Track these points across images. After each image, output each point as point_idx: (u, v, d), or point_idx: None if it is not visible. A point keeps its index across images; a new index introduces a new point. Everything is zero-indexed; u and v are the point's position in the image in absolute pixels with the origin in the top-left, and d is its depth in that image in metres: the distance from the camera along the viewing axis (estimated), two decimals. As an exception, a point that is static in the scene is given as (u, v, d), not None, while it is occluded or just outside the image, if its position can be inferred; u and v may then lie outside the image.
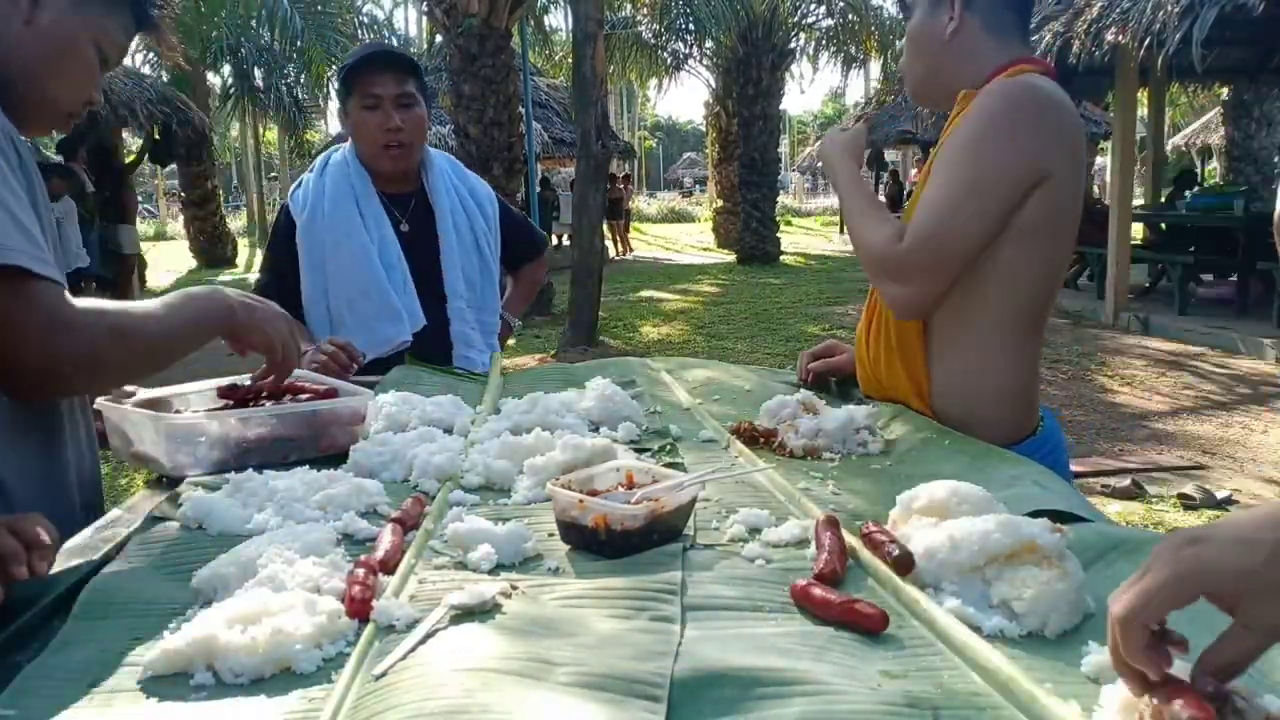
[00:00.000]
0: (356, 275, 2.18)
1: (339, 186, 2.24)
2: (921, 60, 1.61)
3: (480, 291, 2.34)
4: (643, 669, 0.74)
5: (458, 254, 2.28)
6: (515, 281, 2.64)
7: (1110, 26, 7.94)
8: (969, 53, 1.54)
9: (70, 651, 0.82)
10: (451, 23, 9.88)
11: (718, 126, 17.86)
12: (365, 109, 2.18)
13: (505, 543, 0.99)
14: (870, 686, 0.73)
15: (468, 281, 2.30)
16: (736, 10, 15.54)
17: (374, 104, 2.17)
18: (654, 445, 1.44)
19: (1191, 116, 20.68)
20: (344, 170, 2.25)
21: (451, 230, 2.29)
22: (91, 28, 1.27)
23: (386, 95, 2.17)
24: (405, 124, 2.18)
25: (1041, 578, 0.84)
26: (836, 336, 8.69)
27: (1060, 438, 1.62)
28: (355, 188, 2.24)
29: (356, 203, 2.23)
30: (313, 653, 0.79)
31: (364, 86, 2.17)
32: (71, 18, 1.25)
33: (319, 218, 2.22)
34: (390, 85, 2.17)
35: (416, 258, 2.24)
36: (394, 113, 2.17)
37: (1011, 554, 0.87)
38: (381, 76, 2.17)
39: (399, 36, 23.16)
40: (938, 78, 1.60)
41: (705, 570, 0.97)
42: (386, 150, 2.20)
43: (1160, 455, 5.03)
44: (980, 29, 1.53)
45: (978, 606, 0.86)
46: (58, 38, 1.24)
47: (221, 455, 1.34)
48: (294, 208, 2.26)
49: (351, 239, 2.20)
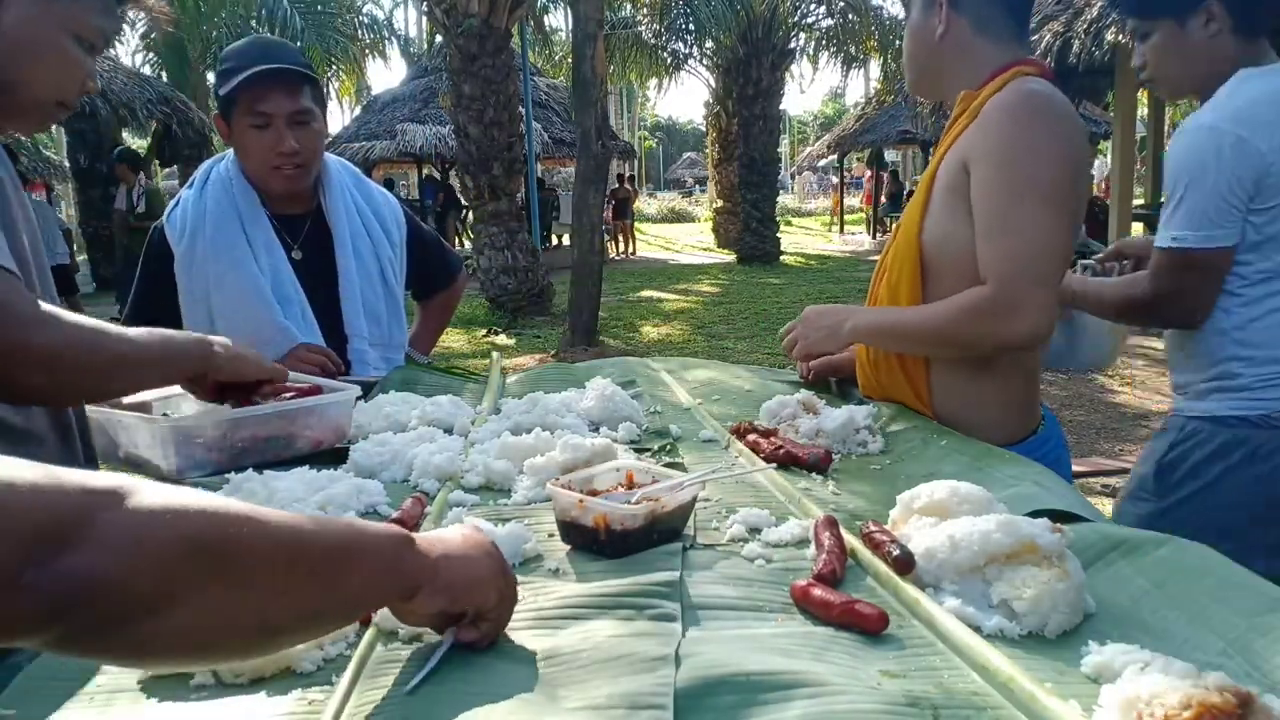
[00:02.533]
0: (247, 312, 1.86)
1: (221, 207, 1.91)
2: (917, 59, 1.62)
3: (386, 327, 2.03)
4: (646, 683, 0.73)
5: (359, 285, 1.98)
6: (423, 313, 2.32)
7: (1110, 26, 7.94)
8: (962, 54, 1.54)
9: (70, 652, 0.82)
10: (451, 23, 9.89)
11: (718, 126, 17.85)
12: (254, 128, 1.85)
13: (505, 543, 0.99)
14: (870, 686, 0.73)
15: (371, 317, 2.00)
16: (736, 10, 15.54)
17: (263, 123, 1.84)
18: (654, 445, 1.44)
19: (1191, 116, 20.66)
20: (226, 188, 1.93)
21: (351, 258, 1.98)
22: (61, 18, 1.24)
23: (278, 114, 1.84)
24: (301, 144, 1.87)
25: (1041, 578, 0.84)
26: (836, 336, 8.72)
27: (1061, 437, 1.62)
28: (240, 209, 1.92)
29: (243, 227, 1.91)
30: (314, 653, 0.79)
31: (250, 102, 1.83)
32: (37, 13, 1.23)
33: (199, 245, 1.89)
34: (283, 101, 1.84)
35: (312, 290, 1.93)
36: (287, 133, 1.85)
37: (1011, 554, 0.87)
38: (272, 92, 1.83)
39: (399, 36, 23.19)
40: (933, 77, 1.61)
41: (705, 570, 0.97)
42: (277, 171, 1.89)
43: (1160, 455, 5.02)
44: (971, 30, 1.53)
45: (978, 606, 0.86)
46: (25, 35, 1.22)
47: (218, 457, 1.34)
48: (170, 233, 1.91)
49: (238, 269, 1.88)
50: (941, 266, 1.49)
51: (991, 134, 1.42)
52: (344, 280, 1.97)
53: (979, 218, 1.42)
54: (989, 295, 1.38)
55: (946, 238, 1.48)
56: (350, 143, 16.68)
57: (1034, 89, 1.43)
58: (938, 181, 1.50)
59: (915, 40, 1.60)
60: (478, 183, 10.39)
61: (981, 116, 1.45)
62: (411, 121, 15.78)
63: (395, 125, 15.86)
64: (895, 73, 16.94)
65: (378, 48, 21.96)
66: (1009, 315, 1.37)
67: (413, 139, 15.54)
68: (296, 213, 1.98)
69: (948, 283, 1.47)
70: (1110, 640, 0.78)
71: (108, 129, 13.19)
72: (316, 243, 1.97)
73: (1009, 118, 1.41)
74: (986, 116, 1.44)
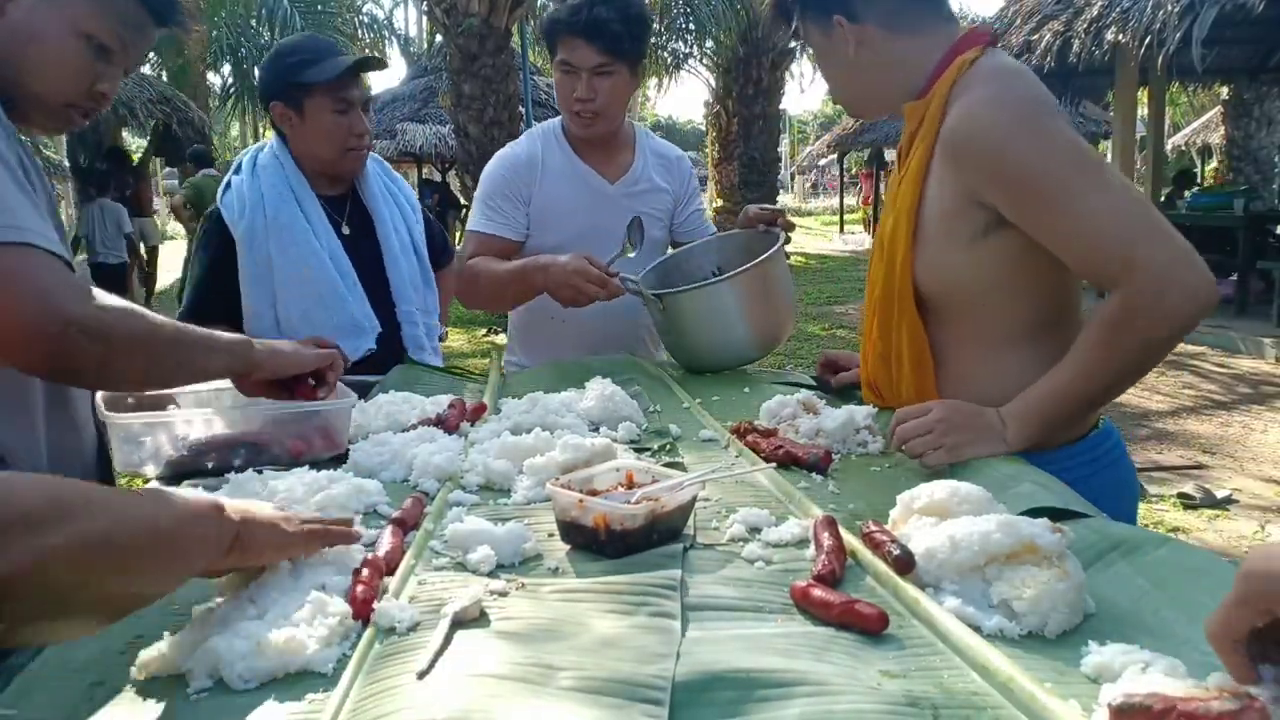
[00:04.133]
0: (311, 284, 2.04)
1: (278, 190, 2.07)
2: (839, 85, 1.49)
3: (423, 295, 2.24)
4: (644, 672, 0.74)
5: (401, 257, 2.18)
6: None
7: (1110, 26, 7.94)
8: (887, 63, 1.41)
9: (70, 651, 0.82)
10: (451, 23, 9.89)
11: (718, 126, 17.84)
12: (336, 113, 2.05)
13: (505, 543, 0.99)
14: (870, 686, 0.73)
15: (413, 285, 2.21)
16: (736, 10, 15.53)
17: (345, 109, 2.05)
18: (654, 445, 1.44)
19: (1191, 116, 20.68)
20: (279, 172, 2.09)
21: (392, 233, 2.19)
22: (70, 15, 1.24)
23: (356, 101, 2.07)
24: (369, 129, 2.13)
25: (1041, 578, 0.84)
26: (836, 336, 8.71)
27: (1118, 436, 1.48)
28: (295, 191, 2.09)
29: (299, 206, 2.08)
30: (326, 652, 0.79)
31: (335, 89, 2.03)
32: (46, 10, 1.23)
33: (260, 224, 2.04)
34: (358, 91, 2.09)
35: (360, 263, 2.12)
36: (362, 118, 2.09)
37: (1011, 554, 0.87)
38: (353, 82, 2.07)
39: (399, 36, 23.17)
40: (868, 98, 1.49)
41: (705, 572, 0.97)
42: (353, 153, 2.10)
43: (1160, 455, 5.03)
44: (883, 35, 1.40)
45: (978, 606, 0.86)
46: (29, 26, 1.22)
47: (175, 454, 1.33)
48: (228, 214, 2.06)
49: (301, 246, 2.05)
50: (950, 301, 1.40)
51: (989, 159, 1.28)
52: (388, 251, 2.16)
53: (1045, 224, 1.27)
54: (1131, 292, 1.20)
55: (950, 269, 1.37)
56: (350, 142, 16.68)
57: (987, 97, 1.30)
58: (926, 213, 1.38)
59: (829, 66, 1.48)
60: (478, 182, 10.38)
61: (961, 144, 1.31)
62: (411, 121, 15.77)
63: (395, 125, 15.83)
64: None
65: (378, 47, 21.93)
66: (1164, 291, 1.19)
67: (412, 139, 15.52)
68: (339, 194, 2.16)
69: (963, 318, 1.40)
70: (1110, 640, 0.78)
71: (108, 129, 13.17)
72: (359, 221, 2.16)
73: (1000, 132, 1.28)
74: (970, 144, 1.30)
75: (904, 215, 1.41)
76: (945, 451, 1.26)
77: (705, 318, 1.91)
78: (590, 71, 2.09)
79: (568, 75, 2.11)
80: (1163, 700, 0.62)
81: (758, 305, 1.91)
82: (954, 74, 1.36)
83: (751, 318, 1.92)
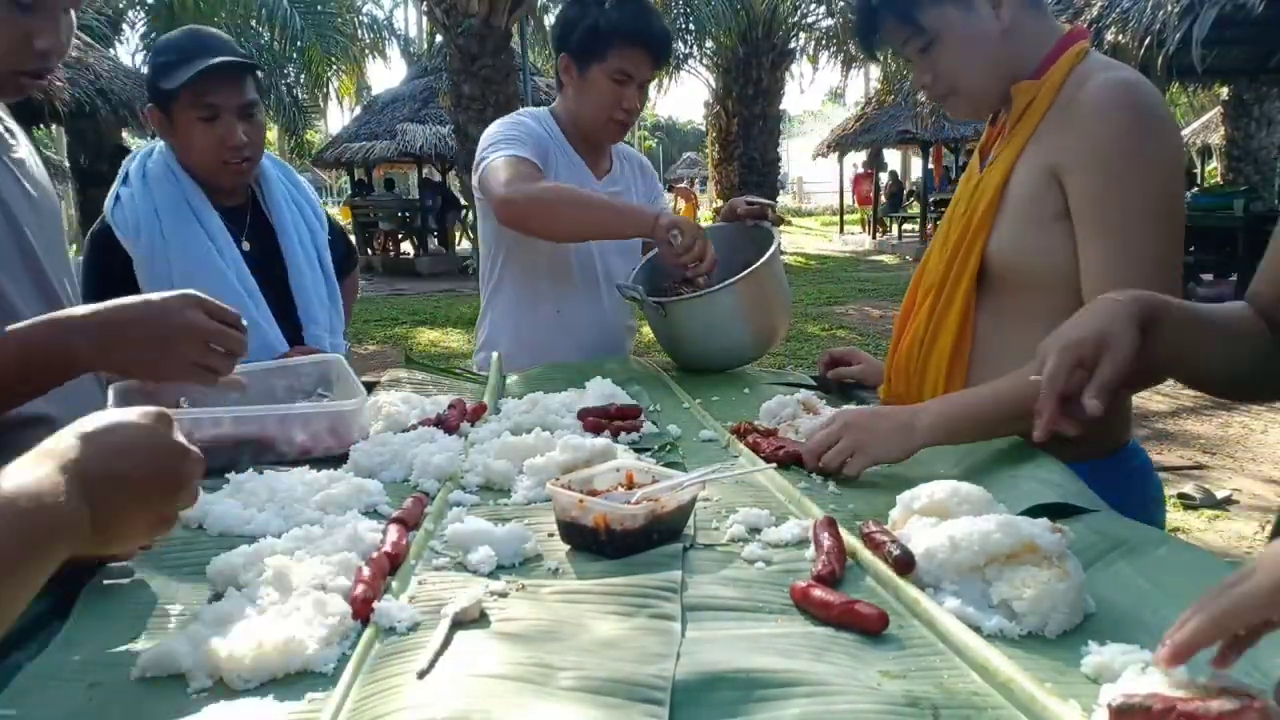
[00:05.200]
0: None
1: (173, 202, 1.86)
2: (981, 68, 1.42)
3: (328, 314, 2.03)
4: (644, 672, 0.74)
5: (307, 272, 1.98)
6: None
7: (1110, 26, 7.93)
8: (1022, 39, 1.39)
9: (70, 651, 0.82)
10: (451, 23, 9.89)
11: (718, 126, 17.85)
12: (201, 121, 1.82)
13: (505, 543, 0.99)
14: (870, 686, 0.73)
15: (319, 302, 1.99)
16: (736, 10, 15.54)
17: (211, 115, 1.82)
18: (654, 445, 1.44)
19: (1191, 116, 20.68)
20: (173, 182, 1.87)
21: (298, 248, 1.98)
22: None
23: (227, 106, 1.82)
24: (250, 137, 1.86)
25: (1041, 578, 0.84)
26: (836, 336, 8.71)
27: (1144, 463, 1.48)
28: (192, 204, 1.87)
29: (198, 221, 1.86)
30: (327, 651, 0.79)
31: (198, 94, 1.80)
32: None
33: (159, 243, 1.83)
34: (231, 94, 1.83)
35: (263, 281, 1.90)
36: (237, 126, 1.83)
37: (1012, 554, 0.87)
38: (220, 84, 1.81)
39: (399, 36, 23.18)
40: (997, 79, 1.43)
41: (705, 572, 0.97)
42: (226, 166, 1.86)
43: (1160, 455, 5.02)
44: (1025, 7, 1.39)
45: (978, 606, 0.86)
46: None
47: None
48: (121, 231, 1.83)
49: (206, 265, 1.83)
50: (1010, 279, 1.40)
51: (1090, 139, 1.30)
52: (294, 270, 1.96)
53: (1090, 235, 1.31)
54: None
55: (1022, 250, 1.38)
56: (350, 143, 16.68)
57: (1127, 81, 1.31)
58: (1011, 189, 1.39)
59: (974, 48, 1.40)
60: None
61: (1069, 116, 1.32)
62: (411, 121, 15.77)
63: (395, 125, 15.85)
64: (895, 72, 16.93)
65: (378, 48, 21.96)
66: None
67: (413, 139, 15.53)
68: (237, 204, 1.95)
69: (1015, 295, 1.40)
70: (1110, 640, 0.78)
71: (108, 129, 13.17)
72: (260, 234, 1.96)
73: (1112, 120, 1.29)
74: (1078, 117, 1.31)
75: (990, 190, 1.40)
76: (857, 457, 1.26)
77: (705, 323, 1.91)
78: (640, 83, 2.07)
79: (619, 85, 2.05)
80: (1162, 700, 0.62)
81: (757, 308, 1.91)
82: (1073, 58, 1.37)
83: (751, 321, 1.92)
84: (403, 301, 12.09)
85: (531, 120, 2.16)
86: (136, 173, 1.90)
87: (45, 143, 18.91)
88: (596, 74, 2.05)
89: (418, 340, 9.21)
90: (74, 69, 9.51)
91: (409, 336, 9.43)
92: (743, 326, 1.92)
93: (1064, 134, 1.34)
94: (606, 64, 2.03)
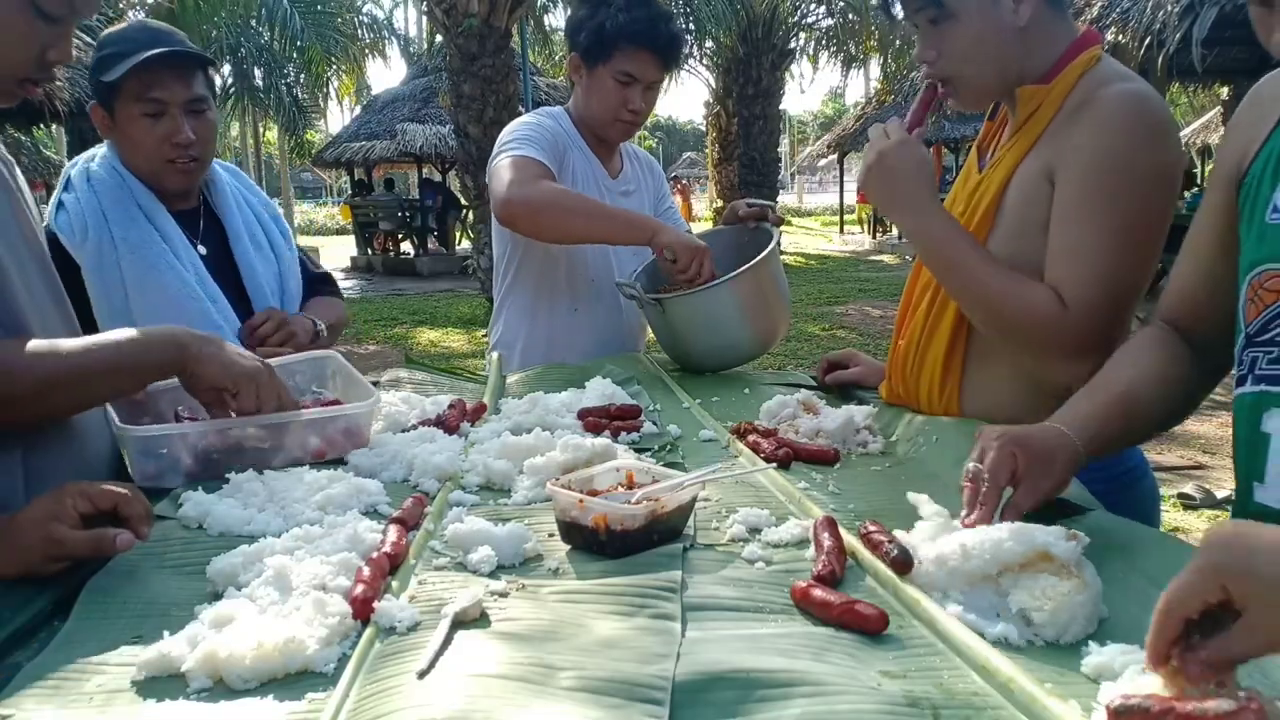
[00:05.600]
0: (178, 311, 1.69)
1: (122, 205, 1.76)
2: (988, 60, 1.39)
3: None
4: (644, 672, 0.74)
5: (262, 277, 1.89)
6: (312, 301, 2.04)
7: (1110, 26, 7.94)
8: (1036, 39, 1.37)
9: (70, 651, 0.82)
10: (451, 23, 9.88)
11: (718, 126, 17.84)
12: (145, 116, 1.73)
13: (505, 543, 0.99)
14: (870, 687, 0.73)
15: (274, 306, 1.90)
16: (736, 10, 15.53)
17: (156, 111, 1.73)
18: (654, 445, 1.44)
19: (1191, 116, 20.68)
20: (120, 186, 1.77)
21: (251, 250, 1.89)
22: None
23: (174, 101, 1.73)
24: (198, 134, 1.76)
25: (1062, 589, 0.82)
26: (836, 336, 8.71)
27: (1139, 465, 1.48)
28: (143, 206, 1.78)
29: (151, 223, 1.77)
30: (327, 651, 0.79)
31: (141, 89, 1.71)
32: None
33: (107, 246, 1.72)
34: (178, 88, 1.73)
35: (220, 285, 1.82)
36: (184, 122, 1.74)
37: (1025, 563, 0.85)
38: (165, 78, 1.72)
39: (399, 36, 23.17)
40: (1001, 75, 1.40)
41: (705, 572, 0.97)
42: (172, 165, 1.77)
43: (1160, 455, 5.02)
44: (1046, 7, 1.36)
45: (982, 614, 0.84)
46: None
47: (191, 467, 1.29)
48: (67, 238, 1.71)
49: (161, 268, 1.74)
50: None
51: (1087, 146, 1.30)
52: (246, 272, 1.87)
53: (1061, 230, 1.32)
54: (1061, 324, 1.29)
55: (1019, 254, 1.36)
56: (350, 142, 16.68)
57: (1138, 93, 1.30)
58: (1010, 195, 1.39)
59: (987, 38, 1.37)
60: (478, 182, 10.38)
61: (1076, 123, 1.31)
62: (411, 121, 15.77)
63: (395, 125, 15.84)
64: (895, 72, 16.94)
65: (378, 47, 21.95)
66: (1069, 352, 1.30)
67: (413, 139, 15.53)
68: (189, 207, 1.87)
69: None
70: (1110, 641, 0.78)
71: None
72: (213, 237, 1.87)
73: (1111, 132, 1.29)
74: (1083, 124, 1.31)
75: (989, 196, 1.40)
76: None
77: (704, 320, 1.91)
78: (647, 84, 2.08)
79: (624, 86, 2.06)
80: (1160, 701, 0.62)
81: (756, 306, 1.92)
82: (1085, 64, 1.36)
83: (750, 318, 1.92)
84: (403, 301, 12.09)
85: (550, 119, 2.16)
86: (80, 177, 1.79)
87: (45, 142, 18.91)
88: (602, 74, 2.06)
89: (418, 340, 9.21)
90: (74, 69, 9.51)
91: (409, 336, 9.43)
92: (741, 324, 1.92)
93: (1067, 139, 1.33)
94: (611, 65, 2.04)
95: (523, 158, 1.99)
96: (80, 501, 0.99)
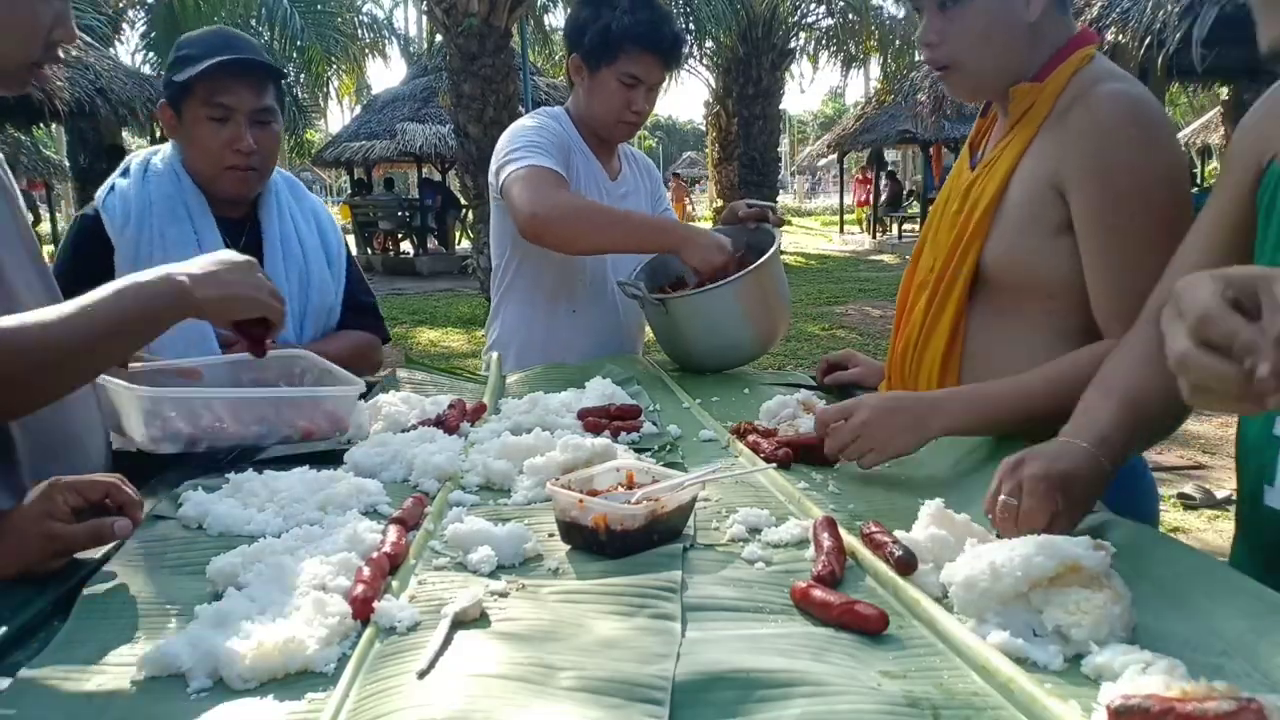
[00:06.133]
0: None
1: (170, 201, 1.80)
2: (994, 52, 1.38)
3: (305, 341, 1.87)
4: (644, 672, 0.74)
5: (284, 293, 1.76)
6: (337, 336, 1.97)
7: (1110, 26, 7.94)
8: (1038, 37, 1.37)
9: (70, 651, 0.82)
10: (451, 22, 9.88)
11: (718, 126, 17.84)
12: (211, 120, 1.76)
13: (505, 543, 1.00)
14: (870, 687, 0.73)
15: (298, 332, 1.87)
16: (736, 10, 15.53)
17: (222, 116, 1.77)
18: (654, 445, 1.44)
19: (1191, 116, 20.69)
20: (174, 184, 1.82)
21: (281, 263, 1.87)
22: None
23: (240, 108, 1.77)
24: (260, 145, 1.79)
25: (1096, 601, 0.80)
26: (836, 336, 8.71)
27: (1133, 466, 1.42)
28: (190, 207, 1.81)
29: (192, 224, 1.80)
30: (327, 651, 0.79)
31: (210, 93, 1.75)
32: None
33: (144, 237, 1.77)
34: (246, 96, 1.77)
35: None
36: (247, 130, 1.77)
37: (1055, 577, 0.83)
38: (236, 84, 1.76)
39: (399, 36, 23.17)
40: (1003, 69, 1.39)
41: (705, 572, 0.97)
42: (231, 171, 1.80)
43: (1160, 455, 5.02)
44: (1054, 5, 1.36)
45: (1026, 638, 0.80)
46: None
47: (191, 432, 1.32)
48: (109, 219, 1.77)
49: None
50: (1007, 283, 1.40)
51: (1093, 155, 1.29)
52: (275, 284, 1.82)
53: (1095, 252, 1.31)
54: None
55: (1019, 258, 1.37)
56: (350, 142, 16.67)
57: (1130, 94, 1.30)
58: (1010, 196, 1.38)
59: (996, 29, 1.36)
60: (477, 182, 10.38)
61: (1070, 125, 1.32)
62: (411, 121, 15.76)
63: (395, 125, 15.83)
64: (895, 72, 16.93)
65: (378, 47, 21.92)
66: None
67: (413, 138, 15.52)
68: (236, 216, 1.88)
69: (1010, 298, 1.41)
70: (1111, 641, 0.78)
71: (108, 128, 13.18)
72: (254, 248, 1.84)
73: (1115, 137, 1.28)
74: (1081, 129, 1.31)
75: (987, 199, 1.39)
76: (875, 453, 1.26)
77: (706, 321, 1.91)
78: (651, 86, 2.08)
79: (629, 88, 2.06)
80: (1160, 701, 0.62)
81: (758, 307, 1.92)
82: (1077, 63, 1.35)
83: (751, 319, 1.92)
84: (402, 301, 12.09)
85: (553, 121, 2.15)
86: (138, 168, 1.85)
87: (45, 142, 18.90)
88: (606, 76, 2.06)
89: (418, 340, 9.21)
90: (74, 68, 9.51)
91: (409, 336, 9.43)
92: (743, 324, 1.92)
93: (1066, 145, 1.33)
94: (616, 67, 2.04)
95: (538, 168, 1.96)
96: (70, 496, 0.99)
